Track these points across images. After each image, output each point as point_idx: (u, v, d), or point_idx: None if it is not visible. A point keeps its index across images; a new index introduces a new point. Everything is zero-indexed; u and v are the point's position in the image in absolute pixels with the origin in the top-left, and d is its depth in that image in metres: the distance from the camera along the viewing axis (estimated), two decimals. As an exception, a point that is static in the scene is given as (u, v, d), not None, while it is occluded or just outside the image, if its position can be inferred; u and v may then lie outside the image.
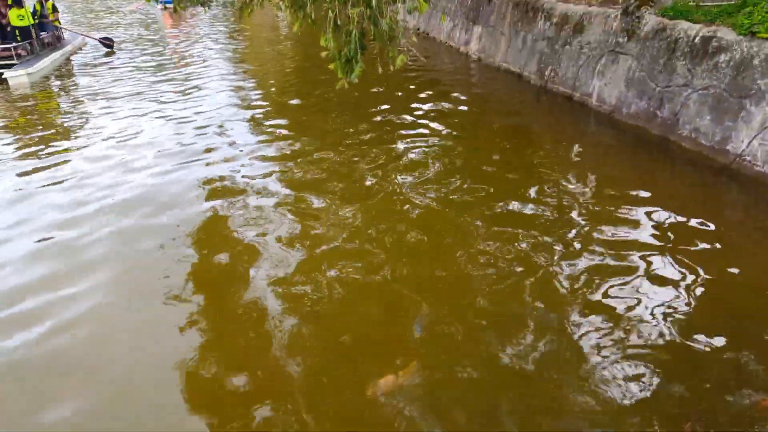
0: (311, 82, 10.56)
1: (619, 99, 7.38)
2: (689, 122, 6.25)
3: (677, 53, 6.48)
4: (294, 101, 9.31)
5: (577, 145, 6.81)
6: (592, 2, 8.57)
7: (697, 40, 6.25)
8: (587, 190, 5.50)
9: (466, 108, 8.61)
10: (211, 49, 14.67)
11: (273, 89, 10.26)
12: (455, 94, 9.35)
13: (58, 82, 11.53)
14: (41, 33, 13.74)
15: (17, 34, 12.19)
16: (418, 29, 15.25)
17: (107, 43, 14.96)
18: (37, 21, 14.03)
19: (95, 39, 15.28)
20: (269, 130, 7.64)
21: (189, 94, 9.83)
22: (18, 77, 11.17)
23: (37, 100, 10.04)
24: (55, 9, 14.96)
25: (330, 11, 4.43)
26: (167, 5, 6.55)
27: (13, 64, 11.61)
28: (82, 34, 15.35)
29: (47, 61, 12.42)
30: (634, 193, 5.37)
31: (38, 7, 14.29)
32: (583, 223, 4.82)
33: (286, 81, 11.04)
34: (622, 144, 6.88)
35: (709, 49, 6.06)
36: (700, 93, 6.13)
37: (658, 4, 7.31)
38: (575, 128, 7.60)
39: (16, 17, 12.20)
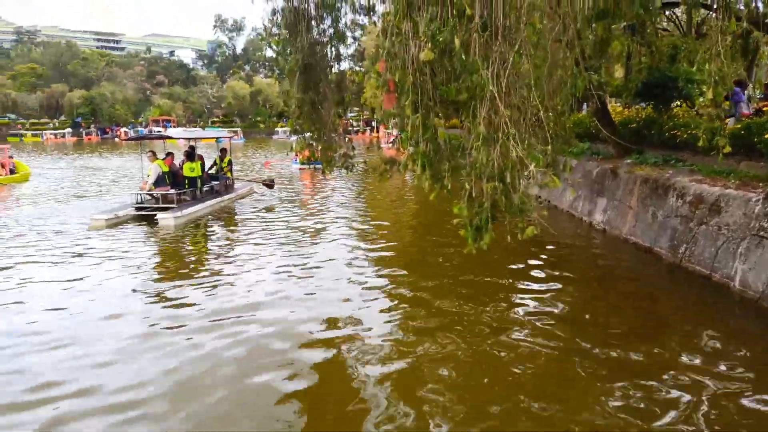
0: (437, 242, 11.08)
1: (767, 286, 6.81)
2: None
3: (835, 243, 6.00)
4: (420, 260, 9.63)
5: (717, 333, 6.19)
6: (729, 184, 8.41)
7: None
8: (728, 390, 4.88)
9: (592, 279, 8.43)
10: (343, 216, 14.19)
11: (399, 249, 10.74)
12: (581, 264, 9.25)
13: (201, 229, 12.49)
14: (213, 182, 16.28)
15: (186, 182, 14.55)
16: (539, 197, 15.72)
17: (269, 183, 17.77)
18: (214, 172, 16.96)
19: (259, 182, 18.03)
20: (391, 296, 7.62)
21: (315, 256, 9.76)
22: (165, 219, 12.37)
23: (168, 243, 10.82)
24: (230, 163, 17.97)
25: (466, 184, 4.91)
26: (317, 167, 7.76)
27: (172, 207, 13.09)
28: (247, 180, 17.86)
29: (199, 207, 13.88)
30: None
31: (217, 161, 17.35)
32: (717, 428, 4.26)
33: (413, 240, 11.62)
34: (772, 337, 6.19)
35: None
36: None
37: (806, 191, 6.99)
38: (715, 313, 6.99)
39: (188, 169, 14.75)
